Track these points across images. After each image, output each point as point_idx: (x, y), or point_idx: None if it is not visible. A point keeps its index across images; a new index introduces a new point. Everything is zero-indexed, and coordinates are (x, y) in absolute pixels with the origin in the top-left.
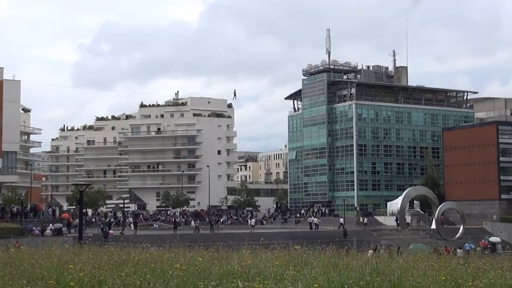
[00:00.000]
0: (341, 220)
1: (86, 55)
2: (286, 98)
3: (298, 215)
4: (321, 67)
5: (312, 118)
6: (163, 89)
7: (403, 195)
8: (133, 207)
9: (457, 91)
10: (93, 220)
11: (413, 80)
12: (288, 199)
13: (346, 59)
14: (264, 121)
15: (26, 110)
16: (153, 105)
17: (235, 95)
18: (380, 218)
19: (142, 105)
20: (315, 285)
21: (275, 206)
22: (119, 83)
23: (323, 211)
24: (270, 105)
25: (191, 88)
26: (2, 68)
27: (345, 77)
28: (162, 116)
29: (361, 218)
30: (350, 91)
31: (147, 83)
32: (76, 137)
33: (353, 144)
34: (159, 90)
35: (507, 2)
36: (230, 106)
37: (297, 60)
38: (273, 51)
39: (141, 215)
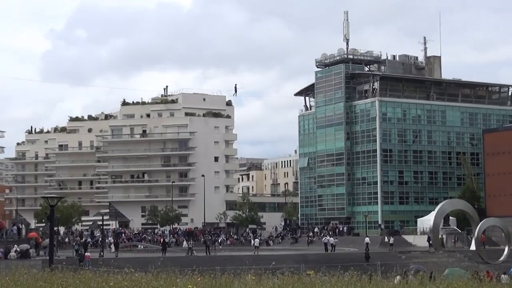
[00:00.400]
0: (367, 240)
1: (58, 43)
2: (296, 94)
3: (311, 234)
4: (338, 57)
5: (328, 118)
6: (149, 84)
7: (436, 210)
8: (114, 224)
9: (501, 86)
10: (66, 240)
11: (448, 72)
12: (299, 215)
13: (368, 47)
14: (270, 122)
15: None
16: (138, 103)
17: (235, 91)
18: (408, 238)
19: (124, 103)
20: None
21: (283, 224)
22: (98, 77)
23: (341, 229)
24: (277, 103)
25: (183, 82)
26: None
27: (366, 68)
28: (148, 115)
29: (386, 238)
30: (373, 85)
31: (131, 77)
32: (46, 141)
33: (376, 149)
34: (145, 85)
35: None
36: (229, 104)
37: (309, 49)
38: (281, 39)
39: (123, 234)
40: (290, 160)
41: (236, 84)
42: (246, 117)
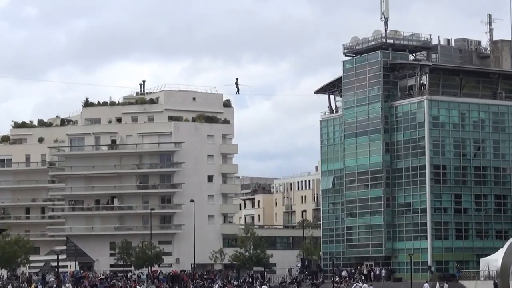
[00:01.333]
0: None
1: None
2: (317, 92)
3: (337, 278)
4: (374, 42)
5: (360, 124)
6: (121, 78)
7: (505, 246)
8: (73, 266)
9: None
10: (9, 287)
11: None
12: (321, 253)
13: (414, 28)
14: (282, 129)
15: None
16: (105, 104)
17: (237, 87)
18: (468, 284)
19: (87, 103)
20: None
21: (300, 265)
22: (52, 69)
23: (378, 272)
24: (292, 104)
25: (165, 76)
26: None
27: (411, 57)
28: (119, 120)
29: (438, 284)
30: (420, 79)
31: (96, 69)
32: None
33: (424, 165)
34: (114, 79)
35: None
36: (228, 104)
37: (335, 31)
38: (298, 18)
39: (85, 281)
40: (309, 180)
41: (237, 79)
42: (250, 123)
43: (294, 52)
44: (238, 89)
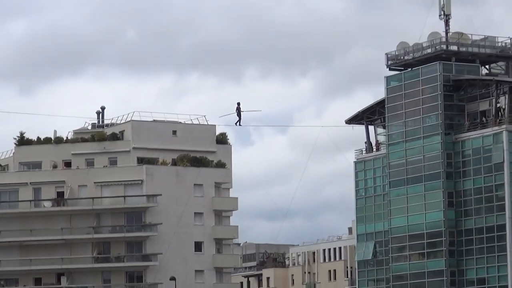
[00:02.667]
0: None
1: None
2: (350, 122)
3: None
4: (430, 50)
5: (411, 167)
6: (70, 104)
7: None
8: None
9: None
10: None
11: None
12: None
13: (487, 30)
14: (301, 174)
15: None
16: (48, 141)
17: (238, 115)
18: None
19: (22, 141)
20: None
21: None
22: None
23: None
24: (315, 138)
25: (135, 100)
26: None
27: (484, 70)
28: (67, 165)
29: None
30: (496, 102)
31: (36, 91)
32: None
33: (504, 225)
34: (61, 105)
35: None
36: (223, 140)
37: (375, 35)
38: (324, 18)
39: None
40: (339, 248)
41: (238, 104)
42: (256, 167)
43: (319, 65)
44: (239, 118)
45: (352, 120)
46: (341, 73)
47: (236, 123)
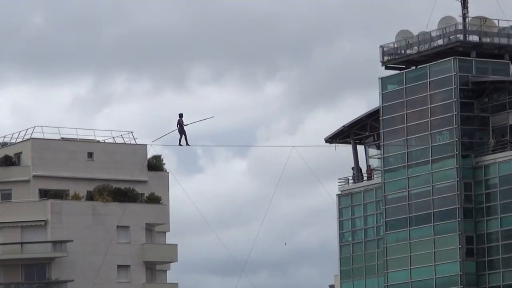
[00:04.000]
0: None
1: None
2: (331, 140)
3: None
4: (441, 41)
5: (416, 202)
6: None
7: None
8: None
9: None
10: None
11: None
12: None
13: None
14: (268, 213)
15: None
16: None
17: (181, 131)
18: None
19: None
20: None
21: None
22: None
23: None
24: (283, 163)
25: (36, 111)
26: None
27: None
28: None
29: None
30: None
31: None
32: None
33: None
34: None
35: None
36: (156, 166)
37: (366, 22)
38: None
39: None
40: None
41: (181, 116)
42: (205, 203)
43: (291, 63)
44: (182, 136)
45: (334, 138)
46: (321, 74)
47: (179, 143)
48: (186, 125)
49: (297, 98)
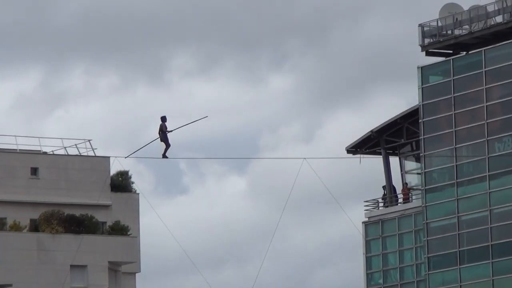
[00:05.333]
0: None
1: None
2: (354, 149)
3: None
4: (500, 16)
5: (469, 232)
6: None
7: None
8: None
9: None
10: None
11: None
12: None
13: None
14: (275, 247)
15: None
16: None
17: (164, 139)
18: None
19: None
20: None
21: None
22: None
23: None
24: (291, 180)
25: None
26: None
27: None
28: None
29: None
30: None
31: None
32: None
33: None
34: None
35: None
36: (122, 185)
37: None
38: None
39: None
40: None
41: (164, 119)
42: (187, 233)
43: (304, 49)
44: (168, 146)
45: (360, 147)
46: (342, 63)
47: (164, 153)
48: (171, 131)
49: (312, 95)
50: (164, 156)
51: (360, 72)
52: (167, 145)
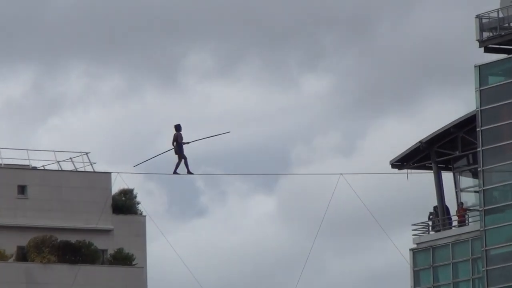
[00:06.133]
0: None
1: None
2: (399, 164)
3: None
4: None
5: None
6: None
7: None
8: None
9: None
10: None
11: None
12: None
13: None
14: (297, 278)
15: None
16: None
17: (178, 151)
18: None
19: None
20: None
21: None
22: None
23: None
24: (326, 200)
25: None
26: None
27: None
28: None
29: None
30: None
31: None
32: None
33: None
34: None
35: None
36: (126, 206)
37: None
38: None
39: None
40: None
41: (178, 128)
42: (205, 263)
43: (342, 46)
44: (181, 159)
45: (407, 160)
46: (387, 62)
47: (175, 170)
48: (187, 143)
49: (351, 99)
50: (176, 171)
51: (407, 73)
52: (183, 159)
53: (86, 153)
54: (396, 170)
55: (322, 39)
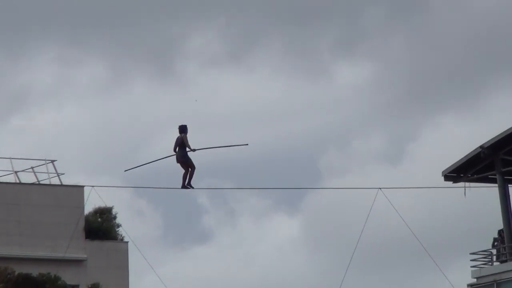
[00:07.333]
0: None
1: None
2: (454, 175)
3: None
4: None
5: None
6: None
7: None
8: None
9: None
10: None
11: None
12: None
13: None
14: None
15: None
16: None
17: (182, 160)
18: None
19: None
20: None
21: None
22: None
23: None
24: (361, 220)
25: None
26: None
27: None
28: None
29: None
30: None
31: None
32: None
33: None
34: None
35: None
36: (101, 230)
37: None
38: None
39: None
40: None
41: (183, 129)
42: None
43: (384, 30)
44: (188, 169)
45: (463, 171)
46: (442, 46)
47: (186, 183)
48: (194, 150)
49: (397, 93)
50: (186, 186)
51: (467, 60)
52: (189, 168)
53: (52, 161)
54: (450, 183)
55: (361, 17)
